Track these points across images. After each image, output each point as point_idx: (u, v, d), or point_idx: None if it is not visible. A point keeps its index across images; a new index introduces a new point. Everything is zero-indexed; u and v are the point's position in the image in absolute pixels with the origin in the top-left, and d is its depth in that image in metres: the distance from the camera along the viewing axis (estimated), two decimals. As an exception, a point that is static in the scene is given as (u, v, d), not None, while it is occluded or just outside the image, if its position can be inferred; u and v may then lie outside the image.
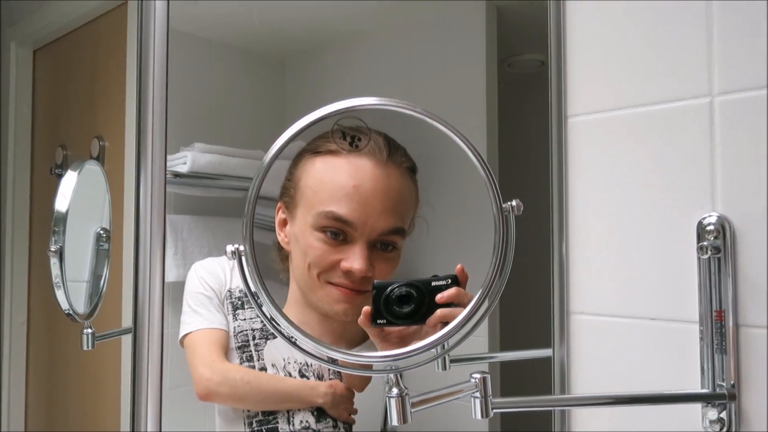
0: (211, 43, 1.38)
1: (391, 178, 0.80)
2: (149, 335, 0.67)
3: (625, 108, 0.65)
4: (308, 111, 1.37)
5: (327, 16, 1.29)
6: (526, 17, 0.92)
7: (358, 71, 1.29)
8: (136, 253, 0.66)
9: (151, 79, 0.72)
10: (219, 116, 1.42)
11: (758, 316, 0.57)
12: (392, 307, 0.63)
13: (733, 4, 0.59)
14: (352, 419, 0.97)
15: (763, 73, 0.57)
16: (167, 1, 0.69)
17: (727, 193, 0.59)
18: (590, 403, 0.62)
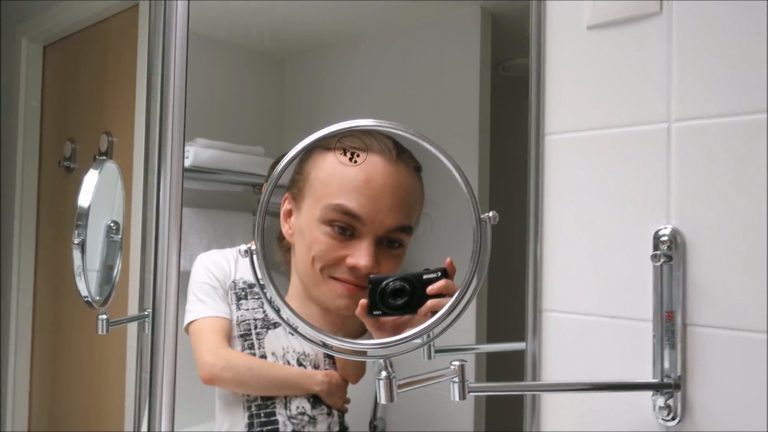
0: (215, 42, 1.42)
1: (401, 174, 0.81)
2: (165, 319, 0.73)
3: (594, 130, 0.73)
4: (306, 109, 1.42)
5: (326, 18, 1.31)
6: (519, 23, 0.93)
7: (356, 72, 1.30)
8: (155, 244, 0.72)
9: (172, 80, 0.74)
10: (221, 113, 1.44)
11: (703, 317, 0.65)
12: (387, 299, 0.69)
13: (690, 42, 0.67)
14: (345, 408, 1.01)
15: (713, 104, 0.65)
16: (188, 2, 0.72)
17: (680, 209, 0.67)
18: (557, 389, 0.70)
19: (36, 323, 1.93)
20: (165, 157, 0.75)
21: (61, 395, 1.82)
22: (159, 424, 0.74)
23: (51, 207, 1.90)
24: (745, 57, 0.64)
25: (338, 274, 0.82)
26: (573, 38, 0.76)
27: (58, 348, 1.85)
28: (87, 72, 1.78)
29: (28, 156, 1.92)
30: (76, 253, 0.87)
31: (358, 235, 0.80)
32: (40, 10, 1.91)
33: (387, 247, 0.81)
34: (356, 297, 0.76)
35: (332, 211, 0.81)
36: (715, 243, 0.64)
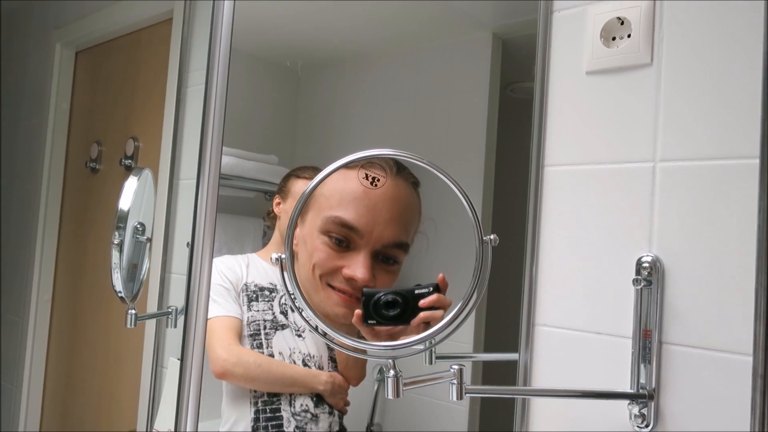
0: (236, 53, 1.50)
1: (400, 188, 0.84)
2: (196, 315, 0.80)
3: (588, 164, 0.81)
4: (319, 121, 1.46)
5: (343, 36, 1.36)
6: (529, 48, 0.95)
7: (368, 88, 1.35)
8: (192, 246, 0.79)
9: (214, 94, 0.79)
10: (238, 121, 1.52)
11: (677, 336, 0.73)
12: (380, 310, 0.74)
13: (676, 92, 0.76)
14: (346, 409, 1.05)
15: (694, 148, 0.74)
16: (232, 20, 0.79)
17: (661, 239, 0.75)
18: (544, 394, 0.78)
19: (54, 315, 2.00)
20: (204, 166, 0.80)
21: (75, 386, 1.89)
22: (186, 412, 0.81)
23: (74, 205, 1.98)
24: (724, 108, 0.72)
25: (336, 283, 0.86)
26: (573, 81, 0.84)
27: (74, 340, 1.91)
28: (117, 79, 1.85)
29: (55, 155, 2.00)
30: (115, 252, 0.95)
31: (355, 247, 0.84)
32: (75, 17, 2.00)
33: (383, 262, 0.85)
34: (352, 307, 0.80)
35: (331, 223, 0.85)
36: (690, 271, 0.73)
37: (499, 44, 1.12)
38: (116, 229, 0.97)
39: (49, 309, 1.99)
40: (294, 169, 1.19)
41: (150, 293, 1.45)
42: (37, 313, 1.98)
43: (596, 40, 0.82)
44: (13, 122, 2.29)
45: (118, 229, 0.97)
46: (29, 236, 2.03)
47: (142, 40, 1.76)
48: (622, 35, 0.80)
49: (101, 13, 1.86)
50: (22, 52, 2.26)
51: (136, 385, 1.54)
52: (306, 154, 1.35)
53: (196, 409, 0.81)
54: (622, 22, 0.80)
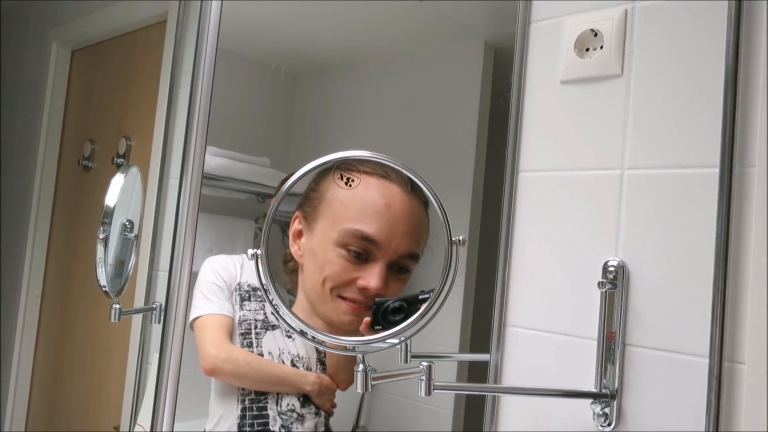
0: (230, 54, 1.49)
1: (414, 206, 0.85)
2: (176, 311, 0.82)
3: (560, 170, 0.84)
4: (312, 125, 1.47)
5: (338, 41, 1.37)
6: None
7: (362, 94, 1.35)
8: (173, 243, 0.81)
9: (199, 95, 0.82)
10: (232, 123, 1.53)
11: (640, 338, 0.75)
12: (387, 316, 0.75)
13: (644, 103, 0.79)
14: (332, 411, 1.06)
15: (660, 157, 0.77)
16: (219, 21, 0.80)
17: (627, 244, 0.78)
18: (510, 392, 0.81)
19: (43, 310, 2.01)
20: (187, 165, 0.82)
21: (62, 381, 1.90)
22: (163, 405, 0.83)
23: (66, 202, 2.00)
24: (687, 119, 0.75)
25: (347, 294, 0.85)
26: (548, 90, 0.87)
27: (62, 336, 1.93)
28: (111, 78, 1.88)
29: (48, 152, 2.02)
30: (100, 247, 0.97)
31: (372, 259, 0.84)
32: (71, 17, 2.03)
33: (396, 272, 0.85)
34: (360, 315, 0.81)
35: (351, 237, 0.83)
36: (653, 276, 0.75)
37: (491, 53, 1.14)
38: (101, 225, 0.99)
39: (39, 305, 2.01)
40: (290, 174, 1.21)
41: (137, 290, 1.47)
42: (26, 309, 1.99)
43: (570, 50, 0.85)
44: (8, 118, 2.31)
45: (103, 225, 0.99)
46: (21, 232, 2.05)
47: (137, 41, 1.78)
48: (595, 46, 0.83)
49: (98, 13, 1.88)
50: (19, 49, 2.29)
51: (122, 380, 1.56)
52: (299, 157, 1.37)
53: (173, 400, 0.83)
54: (595, 34, 0.83)
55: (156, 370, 1.38)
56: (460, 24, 1.23)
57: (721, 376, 0.68)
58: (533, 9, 0.90)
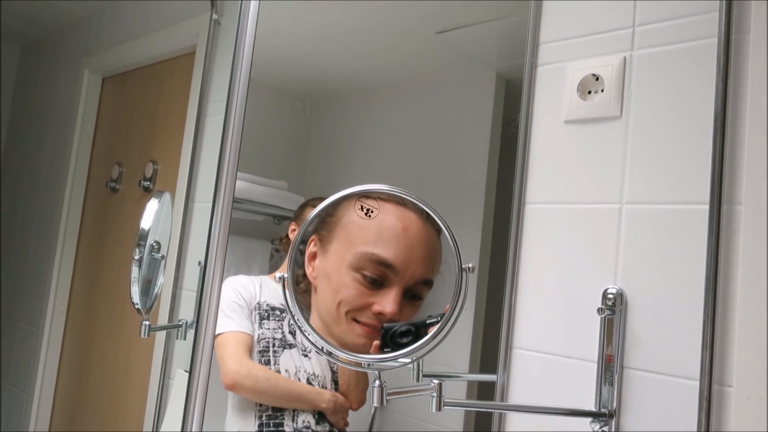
0: (252, 82, 1.56)
1: (429, 233, 0.85)
2: (206, 329, 0.88)
3: (564, 203, 0.91)
4: (328, 150, 1.51)
5: (354, 69, 1.42)
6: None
7: (376, 120, 1.38)
8: (204, 265, 0.87)
9: (232, 124, 0.85)
10: (251, 148, 1.59)
11: (636, 361, 0.81)
12: (396, 339, 0.80)
13: (642, 142, 0.85)
14: (345, 430, 1.09)
15: (656, 193, 0.83)
16: (252, 54, 0.84)
17: (625, 273, 0.84)
18: (515, 410, 0.86)
19: (68, 326, 2.09)
20: (219, 190, 0.85)
21: (84, 395, 1.96)
22: (192, 413, 0.88)
23: (93, 222, 2.08)
24: (681, 159, 0.81)
25: (362, 318, 0.85)
26: (553, 128, 0.94)
27: (86, 350, 2.00)
28: (139, 105, 1.97)
29: (78, 174, 2.11)
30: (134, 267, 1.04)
31: (388, 284, 0.84)
32: (103, 46, 2.13)
33: (410, 298, 0.86)
34: (373, 338, 0.82)
35: (367, 261, 0.84)
36: (650, 303, 0.81)
37: (503, 83, 1.17)
38: (137, 246, 1.06)
39: (64, 320, 2.08)
40: (310, 199, 1.25)
41: (161, 307, 1.54)
42: (52, 324, 2.06)
43: (573, 93, 0.92)
44: (39, 140, 2.41)
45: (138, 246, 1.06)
46: (49, 249, 2.13)
47: (165, 71, 1.87)
48: (596, 90, 0.90)
49: (129, 43, 1.98)
50: (53, 75, 2.40)
51: (143, 395, 1.62)
52: (315, 181, 1.40)
53: (201, 413, 0.88)
54: (597, 78, 0.90)
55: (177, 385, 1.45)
56: (473, 56, 1.28)
57: (711, 397, 0.73)
58: (540, 53, 0.97)
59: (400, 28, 1.35)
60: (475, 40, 1.24)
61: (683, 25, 0.83)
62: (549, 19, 0.97)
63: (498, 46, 1.20)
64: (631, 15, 0.88)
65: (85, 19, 2.25)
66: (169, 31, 1.81)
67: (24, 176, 2.48)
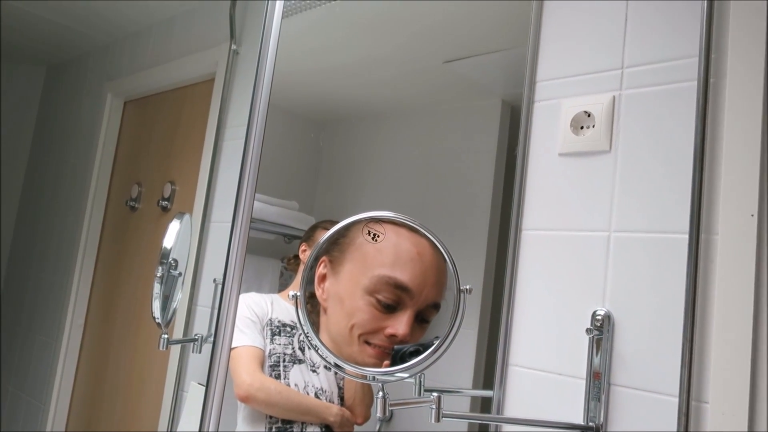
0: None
1: (439, 259, 0.86)
2: (222, 344, 0.94)
3: (556, 230, 0.97)
4: (338, 172, 1.55)
5: (364, 96, 1.46)
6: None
7: (385, 144, 1.42)
8: (223, 282, 0.92)
9: (251, 152, 0.88)
10: (264, 169, 1.63)
11: (622, 379, 0.87)
12: (406, 359, 0.84)
13: (629, 175, 0.92)
14: None
15: (642, 222, 0.89)
16: (271, 83, 0.87)
17: (612, 296, 0.90)
18: (511, 422, 0.92)
19: (85, 339, 2.16)
20: (238, 211, 0.88)
21: (100, 406, 2.03)
22: (209, 423, 0.94)
23: (112, 239, 2.16)
24: (665, 190, 0.88)
25: (374, 341, 0.88)
26: (548, 160, 1.01)
27: (102, 363, 2.07)
28: (159, 128, 2.06)
29: (98, 192, 2.20)
30: (156, 284, 1.11)
31: (402, 307, 0.87)
32: (126, 72, 2.23)
33: (419, 322, 0.89)
34: (383, 358, 0.86)
35: (384, 284, 0.86)
36: (635, 325, 0.87)
37: (508, 110, 1.20)
38: (159, 264, 1.14)
39: (81, 333, 2.16)
40: (321, 221, 1.31)
41: (176, 322, 1.61)
42: (69, 336, 2.14)
43: (567, 128, 0.99)
44: (62, 158, 2.51)
45: (161, 264, 1.14)
46: (69, 264, 2.21)
47: (184, 96, 1.97)
48: (588, 125, 0.97)
49: (150, 70, 2.08)
50: (76, 98, 2.50)
51: (158, 406, 1.69)
52: (325, 202, 1.45)
53: (217, 423, 0.94)
54: (588, 115, 0.97)
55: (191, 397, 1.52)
56: (478, 83, 1.32)
57: (689, 412, 0.79)
58: (537, 90, 1.05)
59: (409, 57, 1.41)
60: (481, 69, 1.29)
61: (667, 69, 0.91)
62: (545, 58, 1.05)
63: (503, 75, 1.25)
64: (620, 58, 0.96)
65: (108, 45, 2.36)
66: (189, 59, 1.90)
67: (46, 192, 2.57)
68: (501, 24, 1.24)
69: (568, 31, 1.03)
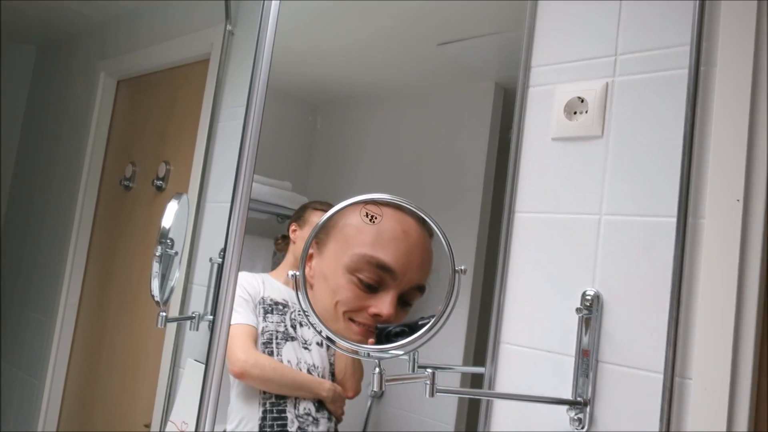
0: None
1: (425, 238, 0.88)
2: (221, 322, 0.96)
3: (549, 213, 1.00)
4: (332, 153, 1.56)
5: (359, 77, 1.45)
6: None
7: (379, 126, 1.42)
8: (222, 261, 0.94)
9: (250, 129, 0.89)
10: (259, 149, 1.65)
11: (610, 356, 0.91)
12: (391, 339, 0.86)
13: (620, 160, 0.94)
14: (342, 417, 1.17)
15: (632, 206, 0.92)
16: (269, 65, 0.88)
17: (602, 277, 0.93)
18: (502, 397, 0.96)
19: (79, 317, 2.17)
20: (237, 191, 0.89)
21: (95, 383, 2.05)
22: (208, 403, 0.96)
23: (106, 218, 2.17)
24: (655, 175, 0.91)
25: (359, 319, 0.89)
26: (541, 144, 1.03)
27: (97, 341, 2.09)
28: (154, 108, 2.06)
29: (92, 172, 2.20)
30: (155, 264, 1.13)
31: (384, 288, 0.88)
32: (119, 51, 2.22)
33: (401, 304, 0.89)
34: (369, 336, 0.87)
35: (365, 264, 0.87)
36: (623, 305, 0.91)
37: (501, 93, 1.22)
38: (159, 244, 1.15)
39: (76, 311, 2.17)
40: (311, 201, 1.33)
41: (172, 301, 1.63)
42: (64, 315, 2.15)
43: (561, 113, 1.01)
44: (54, 138, 2.50)
45: (160, 244, 1.15)
46: (62, 244, 2.22)
47: (179, 77, 1.96)
48: (581, 111, 1.00)
49: (144, 50, 2.07)
50: (69, 76, 2.49)
51: (154, 383, 1.70)
52: (318, 183, 1.46)
53: (216, 400, 0.95)
54: (582, 101, 1.00)
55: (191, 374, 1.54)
56: (473, 67, 1.34)
57: (673, 388, 0.83)
58: (531, 75, 1.07)
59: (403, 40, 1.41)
60: (475, 52, 1.30)
61: (659, 56, 0.93)
62: (540, 44, 1.07)
63: (497, 58, 1.26)
64: (613, 45, 0.98)
65: (101, 23, 2.35)
66: (184, 40, 1.90)
67: (39, 172, 2.57)
68: (495, 7, 1.26)
69: (563, 17, 1.05)
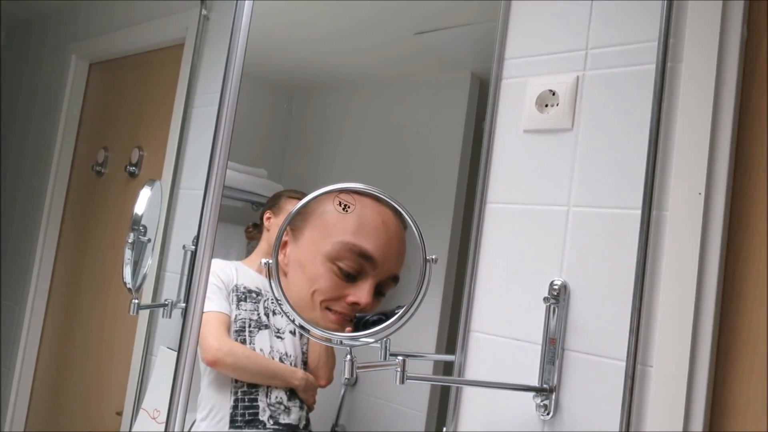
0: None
1: (401, 230, 0.90)
2: (194, 310, 0.96)
3: (519, 204, 1.02)
4: (308, 140, 1.57)
5: (335, 63, 1.44)
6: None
7: (355, 114, 1.42)
8: (195, 248, 0.93)
9: (224, 115, 0.88)
10: (234, 136, 1.64)
11: (575, 344, 0.93)
12: (368, 327, 0.86)
13: (589, 153, 0.96)
14: (313, 407, 1.17)
15: (598, 198, 0.94)
16: (245, 50, 0.87)
17: (569, 267, 0.95)
18: (470, 384, 0.98)
19: (50, 304, 2.14)
20: (211, 178, 0.89)
21: (67, 370, 2.03)
22: (180, 390, 0.96)
23: (78, 204, 2.14)
24: (622, 168, 0.93)
25: (336, 308, 0.90)
26: (513, 136, 1.05)
27: (68, 328, 2.06)
28: (127, 92, 2.03)
29: (63, 157, 2.16)
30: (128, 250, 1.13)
31: (363, 276, 0.89)
32: (91, 33, 2.18)
33: (376, 294, 0.91)
34: (345, 324, 0.89)
35: (347, 251, 0.88)
36: (589, 295, 0.93)
37: (477, 83, 1.23)
38: (131, 231, 1.15)
39: (46, 298, 2.14)
40: (286, 189, 1.32)
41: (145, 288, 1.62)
42: (34, 301, 2.12)
43: (532, 105, 1.03)
44: (24, 121, 2.45)
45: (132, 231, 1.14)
46: (32, 229, 2.18)
47: (153, 61, 1.93)
48: (552, 104, 1.01)
49: (118, 32, 2.04)
50: (39, 59, 2.43)
51: (126, 370, 1.70)
52: (294, 170, 1.45)
53: (188, 388, 0.95)
54: (553, 93, 1.01)
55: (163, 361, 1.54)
56: (449, 56, 1.34)
57: (635, 376, 0.86)
58: (504, 67, 1.08)
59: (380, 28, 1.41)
60: (452, 42, 1.30)
61: (628, 51, 0.95)
62: (514, 37, 1.08)
63: (473, 48, 1.26)
64: (584, 39, 0.99)
65: (73, 4, 2.30)
66: (158, 23, 1.87)
67: (9, 156, 2.51)
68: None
69: (536, 10, 1.06)
